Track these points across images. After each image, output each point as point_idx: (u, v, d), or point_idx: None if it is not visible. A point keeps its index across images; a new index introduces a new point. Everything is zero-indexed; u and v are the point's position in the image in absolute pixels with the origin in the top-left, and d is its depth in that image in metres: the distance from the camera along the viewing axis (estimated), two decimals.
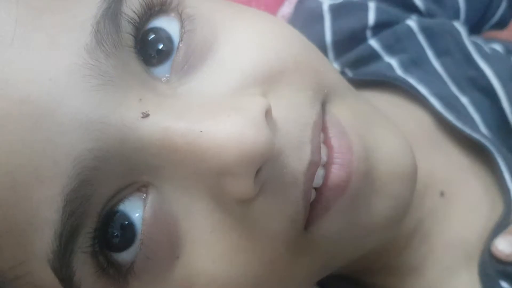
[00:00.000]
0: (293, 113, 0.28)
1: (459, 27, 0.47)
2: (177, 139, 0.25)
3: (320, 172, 0.28)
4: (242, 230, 0.27)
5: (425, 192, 0.40)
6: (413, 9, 0.49)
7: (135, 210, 0.27)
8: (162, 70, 0.28)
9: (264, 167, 0.26)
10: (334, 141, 0.28)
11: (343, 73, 0.48)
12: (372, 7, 0.48)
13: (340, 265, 0.33)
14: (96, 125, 0.25)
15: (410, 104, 0.44)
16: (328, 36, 0.48)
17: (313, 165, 0.27)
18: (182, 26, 0.28)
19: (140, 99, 0.26)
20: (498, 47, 0.48)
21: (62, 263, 0.26)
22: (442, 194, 0.41)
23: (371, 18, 0.47)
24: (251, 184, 0.26)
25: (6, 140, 0.24)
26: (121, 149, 0.25)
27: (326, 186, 0.28)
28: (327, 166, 0.28)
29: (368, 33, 0.48)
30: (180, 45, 0.28)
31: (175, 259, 0.27)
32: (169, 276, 0.28)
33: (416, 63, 0.46)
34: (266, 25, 0.30)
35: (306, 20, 0.49)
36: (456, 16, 0.49)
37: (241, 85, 0.27)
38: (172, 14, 0.28)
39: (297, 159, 0.27)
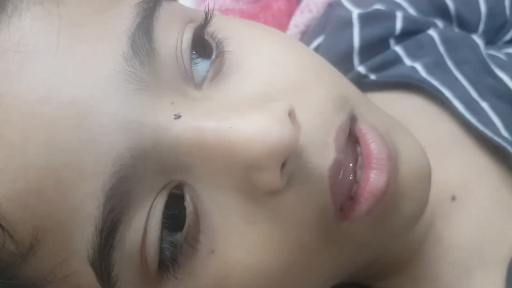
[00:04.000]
0: (318, 119, 0.30)
1: (478, 40, 0.49)
2: (208, 136, 0.27)
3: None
4: (274, 221, 0.29)
5: (436, 197, 0.41)
6: (443, 11, 0.51)
7: (176, 206, 0.29)
8: (200, 70, 0.31)
9: (288, 161, 0.28)
10: (373, 146, 0.30)
11: (366, 76, 0.50)
12: (399, 16, 0.50)
13: (361, 263, 0.35)
14: (134, 125, 0.27)
15: (431, 107, 0.46)
16: (356, 42, 0.50)
17: (338, 162, 0.30)
18: (217, 46, 0.31)
19: (172, 103, 0.28)
20: None
21: (102, 258, 0.27)
22: (453, 198, 0.42)
23: (398, 27, 0.50)
24: (278, 176, 0.28)
25: (53, 140, 0.26)
26: (156, 147, 0.28)
27: (367, 190, 0.30)
28: (366, 170, 0.30)
29: (392, 41, 0.50)
30: (214, 61, 0.31)
31: (210, 254, 0.29)
32: (204, 270, 0.29)
33: (438, 67, 0.48)
34: (286, 44, 0.34)
35: (335, 26, 0.52)
36: (477, 25, 0.52)
37: (266, 92, 0.30)
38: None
39: (322, 156, 0.29)
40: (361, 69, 0.50)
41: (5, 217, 0.26)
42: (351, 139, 0.31)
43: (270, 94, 0.30)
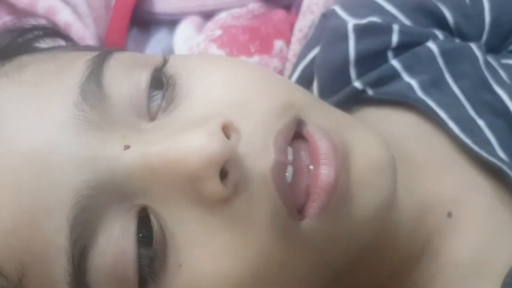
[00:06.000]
0: (259, 128, 0.32)
1: (477, 51, 0.48)
2: (153, 160, 0.31)
3: (289, 170, 0.32)
4: (233, 228, 0.31)
5: (431, 213, 0.42)
6: (442, 23, 0.50)
7: (147, 226, 0.32)
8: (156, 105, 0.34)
9: (230, 169, 0.31)
10: (319, 144, 0.32)
11: (363, 91, 0.49)
12: (396, 29, 0.49)
13: (338, 264, 0.35)
14: (87, 161, 0.31)
15: (427, 124, 0.46)
16: (352, 56, 0.49)
17: (279, 163, 0.32)
18: (167, 81, 0.34)
19: (123, 136, 0.32)
20: None
21: (79, 283, 0.31)
22: (449, 214, 0.43)
23: (395, 40, 0.49)
24: (218, 184, 0.30)
25: (19, 185, 0.31)
26: (111, 177, 0.31)
27: (317, 186, 0.32)
28: (315, 167, 0.32)
29: (390, 54, 0.49)
30: (166, 94, 0.34)
31: (179, 268, 0.32)
32: (176, 284, 0.32)
33: (435, 84, 0.47)
34: (230, 68, 0.36)
35: (330, 38, 0.51)
36: (479, 36, 0.51)
37: (208, 113, 0.32)
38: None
39: (263, 160, 0.31)
40: (357, 84, 0.49)
41: None
42: (303, 142, 0.33)
43: (212, 114, 0.32)
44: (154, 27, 0.66)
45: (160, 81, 0.34)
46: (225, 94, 0.34)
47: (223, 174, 0.30)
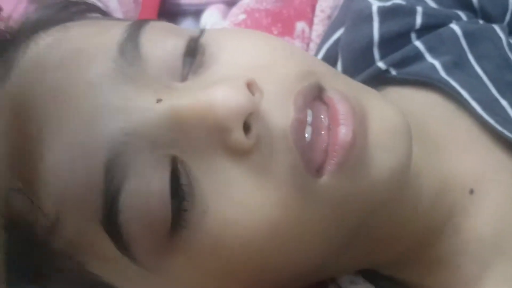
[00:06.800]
0: (279, 88, 0.35)
1: (500, 33, 0.49)
2: (182, 111, 0.33)
3: (309, 130, 0.34)
4: (254, 179, 0.33)
5: (452, 190, 0.43)
6: (466, 4, 0.51)
7: (178, 175, 0.33)
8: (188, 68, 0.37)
9: (252, 123, 0.33)
10: (339, 106, 0.34)
11: (387, 71, 0.50)
12: (419, 11, 0.50)
13: (352, 224, 0.36)
14: (123, 110, 0.33)
15: (450, 104, 0.47)
16: (376, 37, 0.50)
17: (298, 120, 0.34)
18: (199, 49, 0.37)
19: (156, 91, 0.34)
20: None
21: (111, 221, 0.33)
22: (471, 191, 0.43)
23: (418, 22, 0.50)
24: (242, 135, 0.32)
25: (69, 129, 0.33)
26: (144, 126, 0.33)
27: (336, 144, 0.33)
28: (334, 127, 0.34)
29: (413, 35, 0.50)
30: (196, 59, 0.36)
31: (204, 214, 0.33)
32: (202, 230, 0.34)
33: (458, 65, 0.48)
34: (256, 37, 0.39)
35: (355, 19, 0.52)
36: (503, 16, 0.52)
37: (234, 74, 0.35)
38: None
39: (282, 117, 0.33)
40: (381, 64, 0.50)
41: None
42: (324, 106, 0.35)
43: (237, 75, 0.34)
44: (181, 18, 0.68)
45: (193, 49, 0.37)
46: (250, 59, 0.36)
47: (246, 128, 0.32)
